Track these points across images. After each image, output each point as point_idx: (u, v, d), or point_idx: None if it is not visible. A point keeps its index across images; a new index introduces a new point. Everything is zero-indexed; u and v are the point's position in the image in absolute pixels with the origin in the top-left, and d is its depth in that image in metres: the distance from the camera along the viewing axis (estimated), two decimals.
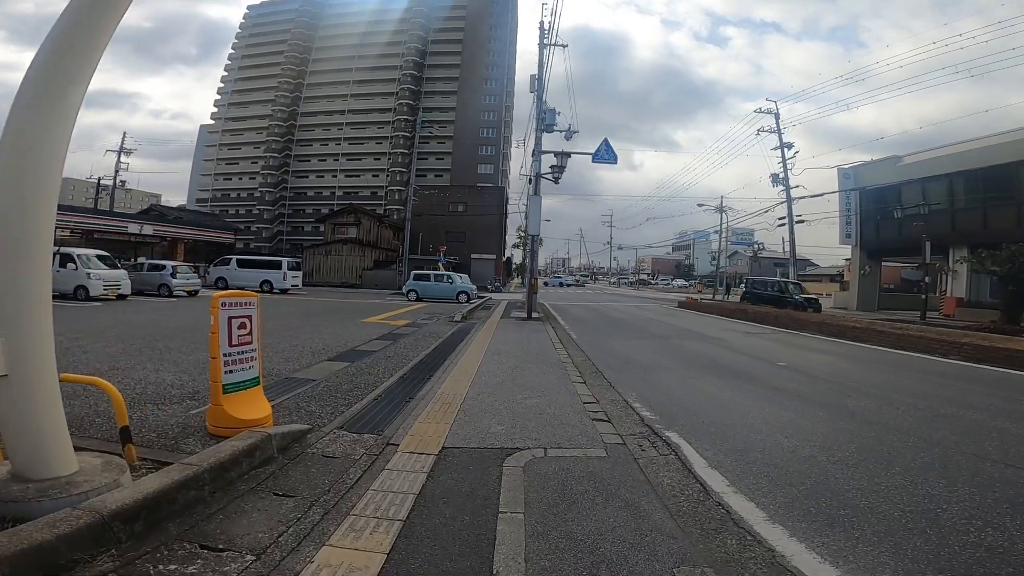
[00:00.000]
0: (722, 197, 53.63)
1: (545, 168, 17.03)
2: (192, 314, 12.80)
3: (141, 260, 23.00)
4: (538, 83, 19.04)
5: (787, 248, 31.20)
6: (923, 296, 22.30)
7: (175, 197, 78.65)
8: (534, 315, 14.50)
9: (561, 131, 17.95)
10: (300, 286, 25.97)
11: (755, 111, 31.62)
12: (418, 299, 22.69)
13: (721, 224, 55.50)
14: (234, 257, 25.59)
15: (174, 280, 19.47)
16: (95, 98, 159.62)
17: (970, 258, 20.75)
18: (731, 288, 34.53)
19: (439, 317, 14.69)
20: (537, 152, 17.65)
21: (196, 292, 20.40)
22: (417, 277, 24.01)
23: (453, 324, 12.85)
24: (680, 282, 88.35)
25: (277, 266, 24.52)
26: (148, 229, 25.46)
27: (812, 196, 28.88)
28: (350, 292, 30.04)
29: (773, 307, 19.10)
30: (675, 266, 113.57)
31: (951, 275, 24.61)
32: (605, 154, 17.00)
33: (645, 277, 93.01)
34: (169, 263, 20.15)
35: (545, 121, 17.73)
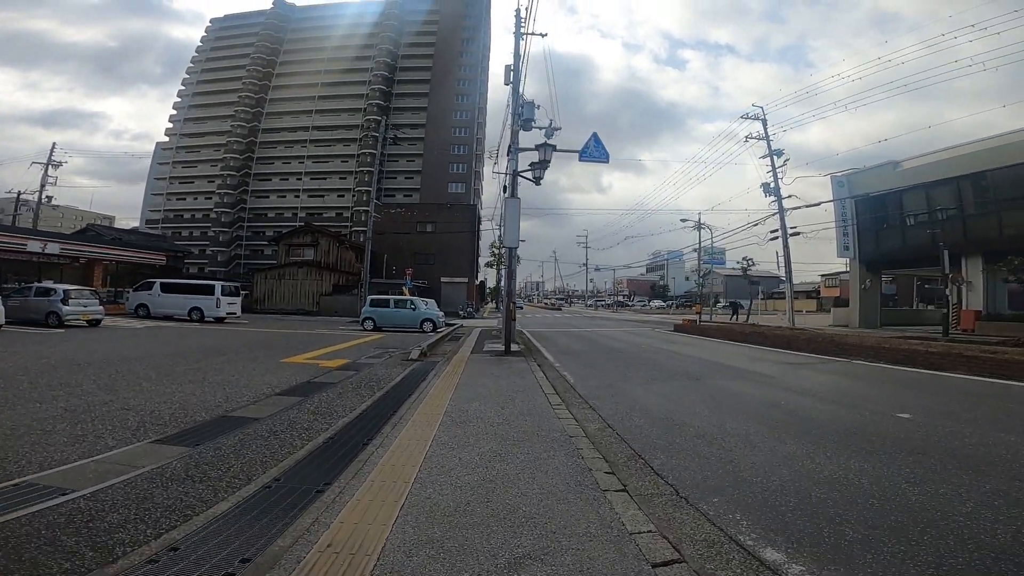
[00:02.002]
0: (699, 214, 52.15)
1: (524, 167, 14.15)
2: (55, 353, 9.23)
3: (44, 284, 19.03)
4: (514, 74, 16.41)
5: (781, 263, 28.93)
6: (944, 310, 20.11)
7: (133, 220, 73.11)
8: (513, 347, 11.37)
9: (541, 128, 15.12)
10: (239, 314, 22.24)
11: (742, 117, 29.65)
12: (375, 328, 19.27)
13: (700, 241, 53.96)
14: (157, 281, 21.73)
15: (65, 307, 15.67)
16: (54, 117, 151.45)
17: (1000, 266, 18.61)
18: (739, 309, 31.90)
19: (392, 353, 11.42)
20: (514, 150, 14.79)
21: (98, 322, 16.61)
22: (374, 303, 20.57)
23: (407, 364, 9.60)
24: (657, 303, 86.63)
25: (209, 291, 20.78)
26: (54, 247, 21.44)
27: (808, 206, 26.81)
28: (302, 320, 26.40)
29: None
30: (650, 287, 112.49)
31: (966, 286, 22.56)
32: (595, 151, 14.19)
33: (622, 299, 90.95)
34: (61, 287, 16.34)
35: (523, 116, 14.92)
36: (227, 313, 21.17)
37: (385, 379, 7.84)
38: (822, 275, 71.09)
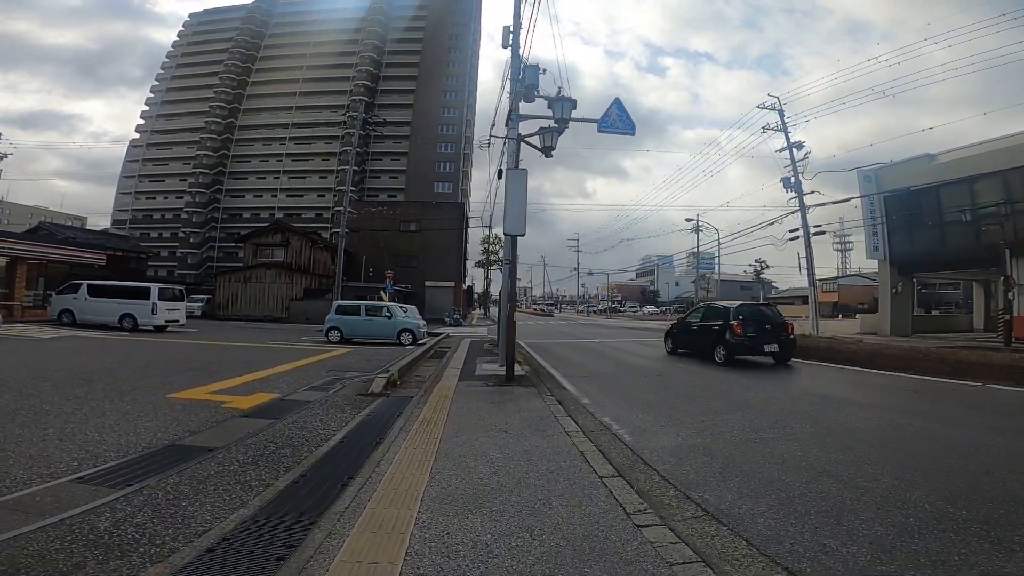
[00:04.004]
0: (697, 215, 49.72)
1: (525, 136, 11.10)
2: None
3: None
4: (514, 24, 13.52)
5: (803, 265, 26.17)
6: (1006, 316, 17.51)
7: (108, 221, 68.70)
8: (516, 370, 8.26)
9: (546, 97, 12.05)
10: (183, 321, 18.78)
11: (758, 107, 27.03)
12: (342, 340, 15.96)
13: (698, 245, 51.52)
14: (85, 283, 18.25)
15: None
16: (32, 119, 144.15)
17: None
18: None
19: (348, 379, 8.23)
20: (515, 117, 11.77)
21: None
22: (341, 310, 17.18)
23: (363, 402, 6.43)
24: (651, 308, 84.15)
25: (143, 294, 17.33)
26: None
27: (834, 203, 24.17)
28: (264, 329, 23.00)
29: None
30: (641, 292, 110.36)
31: (1017, 290, 19.96)
32: (618, 121, 11.17)
33: (614, 304, 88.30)
34: None
35: (525, 82, 11.82)
36: (167, 321, 17.73)
37: (315, 437, 4.68)
38: (820, 279, 69.01)
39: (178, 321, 18.40)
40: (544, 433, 4.87)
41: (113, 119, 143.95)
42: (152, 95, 72.01)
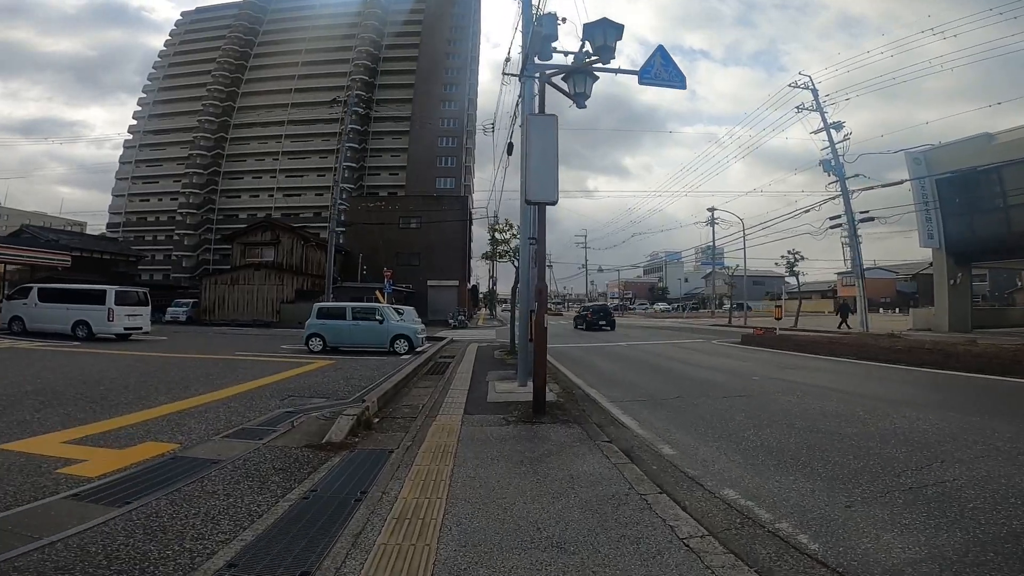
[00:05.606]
0: (713, 209, 47.16)
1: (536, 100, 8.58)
2: None
3: None
4: None
5: (848, 255, 23.58)
6: None
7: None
8: (549, 395, 5.80)
9: (568, 52, 9.39)
10: (147, 328, 16.38)
11: (789, 86, 24.58)
12: (325, 350, 13.51)
13: (713, 239, 48.96)
14: (35, 286, 15.90)
15: None
16: (35, 126, 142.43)
17: None
18: (849, 312, 26.15)
19: (304, 413, 5.76)
20: (530, 65, 9.28)
21: None
22: (324, 313, 14.56)
23: (308, 462, 3.89)
24: (661, 306, 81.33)
25: (99, 298, 14.96)
26: None
27: (883, 186, 21.55)
28: (247, 335, 20.61)
29: None
30: (649, 289, 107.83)
31: None
32: (663, 71, 8.53)
33: (625, 302, 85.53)
34: None
35: (542, 31, 9.17)
36: (127, 328, 15.36)
37: (170, 561, 2.22)
38: (838, 273, 66.05)
39: (141, 328, 16.00)
40: (639, 545, 2.40)
41: (114, 125, 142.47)
42: (144, 95, 69.92)
